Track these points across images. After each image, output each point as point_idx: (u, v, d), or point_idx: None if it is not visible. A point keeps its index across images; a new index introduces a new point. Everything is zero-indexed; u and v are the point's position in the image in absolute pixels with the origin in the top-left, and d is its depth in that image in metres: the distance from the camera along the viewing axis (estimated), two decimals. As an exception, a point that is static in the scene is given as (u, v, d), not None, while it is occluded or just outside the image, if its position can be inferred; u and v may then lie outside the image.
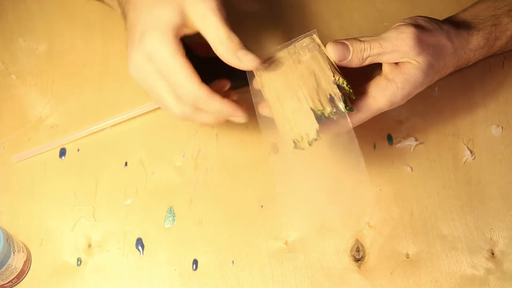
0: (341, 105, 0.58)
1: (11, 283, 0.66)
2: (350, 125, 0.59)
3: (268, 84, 0.61)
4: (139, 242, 0.69)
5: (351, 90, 0.59)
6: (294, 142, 0.58)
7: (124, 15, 0.64)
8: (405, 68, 0.61)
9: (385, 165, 0.72)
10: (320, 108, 0.58)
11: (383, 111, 0.62)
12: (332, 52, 0.60)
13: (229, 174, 0.72)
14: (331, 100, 0.58)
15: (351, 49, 0.60)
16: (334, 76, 0.59)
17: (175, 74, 0.59)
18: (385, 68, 0.62)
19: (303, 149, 0.58)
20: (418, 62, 0.60)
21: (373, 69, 0.63)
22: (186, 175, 0.72)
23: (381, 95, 0.61)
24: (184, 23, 0.60)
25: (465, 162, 0.72)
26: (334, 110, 0.58)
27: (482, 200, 0.70)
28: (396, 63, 0.61)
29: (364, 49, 0.60)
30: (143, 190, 0.72)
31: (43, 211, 0.71)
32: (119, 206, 0.71)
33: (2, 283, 0.65)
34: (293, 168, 0.64)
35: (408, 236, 0.68)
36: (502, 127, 0.74)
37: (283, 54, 0.63)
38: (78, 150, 0.74)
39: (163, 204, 0.71)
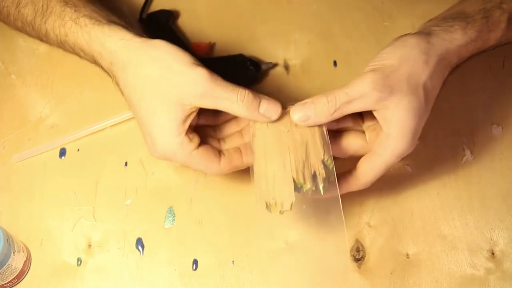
0: (321, 187, 0.58)
1: (11, 283, 0.66)
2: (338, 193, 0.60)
3: (259, 135, 0.61)
4: (139, 242, 0.69)
5: (334, 173, 0.60)
6: (266, 204, 0.58)
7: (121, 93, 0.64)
8: (389, 125, 0.59)
9: (385, 165, 0.72)
10: (301, 182, 0.58)
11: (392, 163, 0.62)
12: (294, 114, 0.60)
13: (229, 174, 0.72)
14: (314, 177, 0.59)
15: (312, 106, 0.59)
16: (324, 155, 0.59)
17: (197, 165, 0.62)
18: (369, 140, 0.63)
19: (271, 213, 0.59)
20: (396, 104, 0.58)
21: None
22: (186, 175, 0.72)
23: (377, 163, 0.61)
24: (188, 113, 0.59)
25: (465, 162, 0.72)
26: (313, 188, 0.58)
27: (482, 200, 0.70)
28: (376, 132, 0.61)
29: (329, 101, 0.59)
30: (143, 190, 0.72)
31: (43, 211, 0.71)
32: (119, 206, 0.71)
33: (2, 283, 0.65)
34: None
35: (408, 236, 0.68)
36: (502, 127, 0.74)
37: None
38: (78, 150, 0.74)
39: (163, 204, 0.71)
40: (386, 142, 0.60)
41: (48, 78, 0.78)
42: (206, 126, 0.64)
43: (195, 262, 0.68)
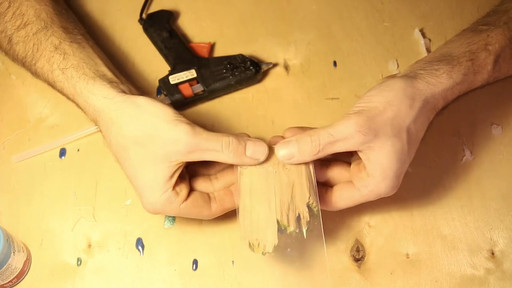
0: (304, 230, 0.59)
1: (11, 283, 0.66)
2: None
3: (246, 174, 0.61)
4: (139, 242, 0.69)
5: (320, 216, 0.60)
6: (249, 243, 0.59)
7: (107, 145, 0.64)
8: (372, 168, 0.60)
9: (385, 165, 0.72)
10: (285, 224, 0.59)
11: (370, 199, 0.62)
12: (278, 151, 0.60)
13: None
14: (298, 219, 0.59)
15: (296, 145, 0.60)
16: (309, 198, 0.59)
17: (188, 216, 0.63)
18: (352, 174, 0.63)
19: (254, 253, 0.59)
20: (379, 146, 0.59)
21: None
22: (186, 175, 0.72)
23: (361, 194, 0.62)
24: (175, 168, 0.60)
25: (465, 162, 0.72)
26: (297, 231, 0.59)
27: (482, 200, 0.70)
28: (359, 167, 0.61)
29: (312, 141, 0.59)
30: (143, 190, 0.71)
31: (43, 211, 0.71)
32: (119, 206, 0.71)
33: (2, 283, 0.65)
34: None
35: (408, 236, 0.68)
36: (502, 127, 0.74)
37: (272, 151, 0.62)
38: (78, 150, 0.74)
39: (163, 204, 0.71)
40: (367, 181, 0.60)
41: (48, 78, 0.78)
42: (197, 163, 0.64)
43: (195, 262, 0.68)
